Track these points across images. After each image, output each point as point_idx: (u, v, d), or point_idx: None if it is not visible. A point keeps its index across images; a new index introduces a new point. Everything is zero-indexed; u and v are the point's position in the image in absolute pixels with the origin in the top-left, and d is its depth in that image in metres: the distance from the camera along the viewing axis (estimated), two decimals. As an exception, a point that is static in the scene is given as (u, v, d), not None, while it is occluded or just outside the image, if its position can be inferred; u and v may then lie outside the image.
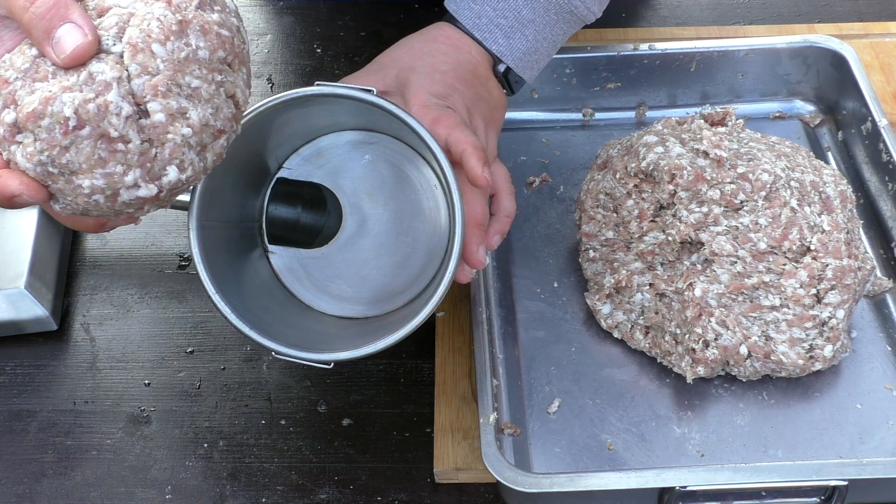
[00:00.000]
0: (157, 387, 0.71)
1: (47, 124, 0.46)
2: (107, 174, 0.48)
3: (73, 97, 0.46)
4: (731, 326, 0.64)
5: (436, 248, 0.67)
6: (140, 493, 0.65)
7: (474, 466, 0.63)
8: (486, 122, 0.66)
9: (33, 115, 0.46)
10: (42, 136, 0.46)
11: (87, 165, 0.47)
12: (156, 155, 0.49)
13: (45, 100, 0.46)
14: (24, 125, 0.47)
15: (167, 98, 0.48)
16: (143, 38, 0.48)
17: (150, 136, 0.48)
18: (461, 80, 0.66)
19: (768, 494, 0.59)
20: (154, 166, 0.49)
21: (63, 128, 0.46)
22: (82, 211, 0.50)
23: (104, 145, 0.47)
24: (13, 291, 0.71)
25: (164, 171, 0.49)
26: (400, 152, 0.68)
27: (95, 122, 0.47)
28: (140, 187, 0.49)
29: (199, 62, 0.49)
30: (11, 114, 0.47)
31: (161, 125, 0.48)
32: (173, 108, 0.48)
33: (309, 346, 0.62)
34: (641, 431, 0.65)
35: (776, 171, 0.68)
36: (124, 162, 0.48)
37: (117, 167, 0.48)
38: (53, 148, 0.47)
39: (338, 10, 1.00)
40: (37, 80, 0.47)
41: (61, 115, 0.46)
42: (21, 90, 0.47)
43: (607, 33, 0.93)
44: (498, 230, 0.64)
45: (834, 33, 0.88)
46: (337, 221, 0.68)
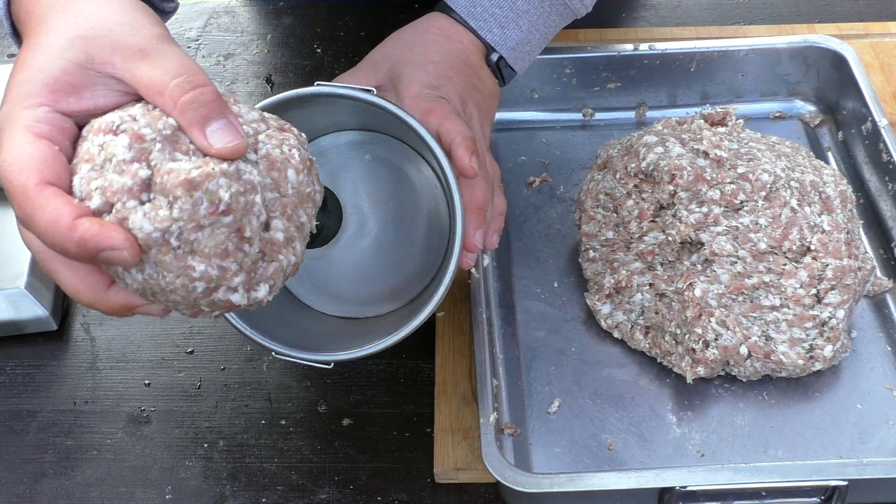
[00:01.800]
0: (157, 387, 0.71)
1: (198, 197, 0.45)
2: (222, 267, 0.47)
3: (230, 184, 0.46)
4: (731, 326, 0.64)
5: (436, 248, 0.67)
6: (140, 493, 0.65)
7: (474, 466, 0.63)
8: (480, 110, 0.66)
9: (188, 183, 0.45)
10: (184, 207, 0.45)
11: (212, 251, 0.46)
12: (260, 269, 0.48)
13: (206, 174, 0.45)
14: (167, 189, 0.45)
15: (290, 221, 0.49)
16: (283, 160, 0.49)
17: (265, 250, 0.48)
18: (454, 69, 0.66)
19: (768, 494, 0.59)
20: (254, 278, 0.48)
21: (212, 207, 0.45)
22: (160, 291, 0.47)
23: (235, 240, 0.47)
24: (13, 291, 0.72)
25: (258, 286, 0.49)
26: (400, 152, 0.68)
27: (240, 215, 0.46)
28: (237, 292, 0.48)
29: (312, 202, 0.51)
30: (146, 170, 0.45)
31: (278, 244, 0.49)
32: (291, 233, 0.49)
33: (309, 346, 0.62)
34: (641, 431, 0.65)
35: (776, 171, 0.68)
36: (240, 263, 0.47)
37: (233, 265, 0.47)
38: (191, 221, 0.45)
39: (338, 10, 1.00)
40: (178, 150, 0.46)
41: (217, 195, 0.45)
42: (158, 153, 0.46)
43: (607, 33, 0.93)
44: (495, 229, 0.65)
45: (834, 33, 0.88)
46: (337, 221, 0.68)
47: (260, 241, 0.48)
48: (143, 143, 0.46)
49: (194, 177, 0.45)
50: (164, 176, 0.45)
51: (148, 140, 0.46)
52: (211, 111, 0.47)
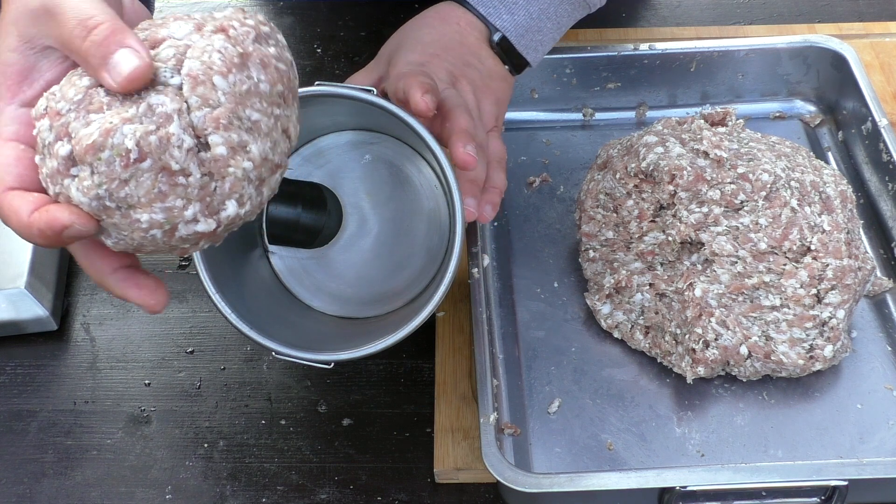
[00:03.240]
0: (157, 387, 0.71)
1: (107, 157, 0.44)
2: (166, 208, 0.46)
3: (135, 129, 0.44)
4: (731, 326, 0.64)
5: (436, 248, 0.67)
6: (140, 493, 0.65)
7: (474, 466, 0.63)
8: (476, 87, 0.65)
9: (92, 147, 0.44)
10: (101, 169, 0.44)
11: (147, 199, 0.45)
12: (215, 189, 0.47)
13: (106, 131, 0.44)
14: (81, 158, 0.45)
15: (228, 131, 0.46)
16: (204, 70, 0.46)
17: (211, 170, 0.46)
18: (444, 47, 0.66)
19: (768, 494, 0.59)
20: (213, 201, 0.47)
21: (124, 160, 0.44)
22: (136, 247, 0.48)
23: (165, 179, 0.45)
24: (13, 291, 0.71)
25: (222, 205, 0.47)
26: (400, 152, 0.68)
27: (157, 154, 0.45)
28: (199, 222, 0.47)
29: (259, 95, 0.48)
30: (66, 146, 0.45)
31: (222, 159, 0.46)
32: (234, 141, 0.47)
33: (309, 346, 0.62)
34: (641, 431, 0.65)
35: (776, 171, 0.68)
36: (184, 196, 0.46)
37: (177, 201, 0.46)
38: (112, 181, 0.44)
39: (338, 10, 1.00)
40: (91, 111, 0.45)
41: (122, 146, 0.44)
42: (75, 122, 0.45)
43: (607, 33, 0.93)
44: (488, 200, 0.63)
45: (834, 33, 0.88)
46: (337, 221, 0.68)
47: (201, 165, 0.46)
48: (61, 117, 0.45)
49: (95, 139, 0.44)
50: (76, 146, 0.45)
51: (64, 113, 0.45)
52: (107, 47, 0.45)
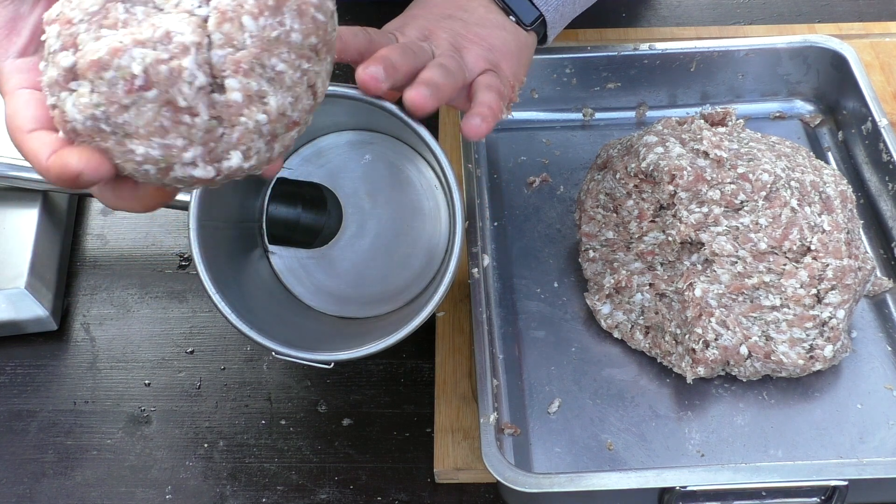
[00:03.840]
0: (157, 387, 0.71)
1: (110, 77, 0.41)
2: (165, 145, 0.43)
3: (145, 54, 0.41)
4: (731, 326, 0.64)
5: (436, 248, 0.67)
6: (140, 493, 0.65)
7: (474, 466, 0.63)
8: (457, 36, 0.63)
9: (97, 63, 0.41)
10: (101, 89, 0.41)
11: (146, 131, 0.42)
12: (222, 136, 0.44)
13: (114, 50, 0.41)
14: (83, 73, 0.42)
15: (248, 77, 0.43)
16: (235, 7, 0.43)
17: (221, 115, 0.43)
18: (424, 7, 0.65)
19: (768, 494, 0.59)
20: (217, 147, 0.44)
21: (128, 85, 0.41)
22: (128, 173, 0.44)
23: (168, 113, 0.42)
24: (13, 291, 0.71)
25: (226, 154, 0.44)
26: (400, 152, 0.68)
27: (165, 86, 0.42)
28: (197, 167, 0.44)
29: (289, 45, 0.44)
30: (70, 57, 0.42)
31: (235, 105, 0.43)
32: (253, 89, 0.43)
33: (309, 346, 0.62)
34: (641, 431, 0.65)
35: (776, 171, 0.68)
36: (187, 136, 0.43)
37: (178, 140, 0.43)
38: (112, 104, 0.42)
39: (338, 10, 1.00)
40: (104, 26, 0.42)
41: (128, 70, 0.41)
42: (85, 34, 0.42)
43: (607, 33, 0.93)
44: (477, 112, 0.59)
45: (834, 33, 0.88)
46: (337, 221, 0.68)
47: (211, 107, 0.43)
48: (71, 26, 0.43)
49: (102, 56, 0.41)
50: (80, 60, 0.42)
51: (76, 23, 0.43)
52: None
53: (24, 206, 0.77)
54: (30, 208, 0.76)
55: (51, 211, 0.78)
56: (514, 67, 0.65)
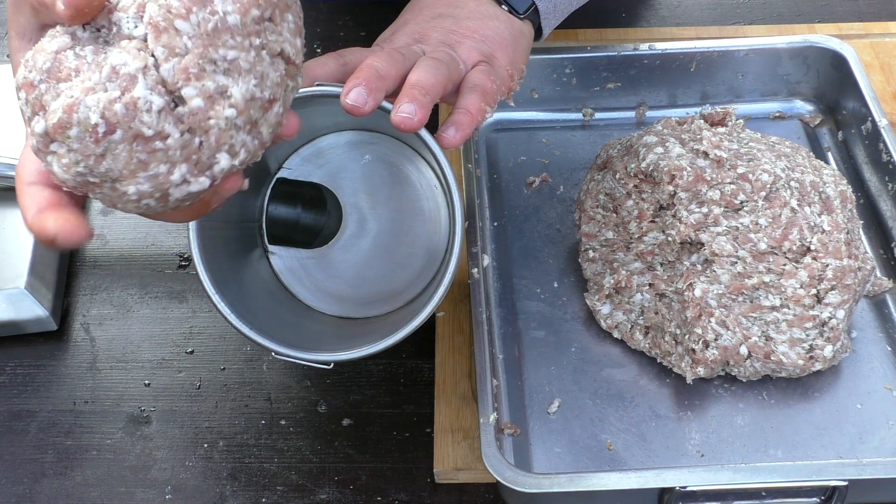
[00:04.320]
0: (157, 387, 0.71)
1: (76, 134, 0.41)
2: (150, 177, 0.43)
3: (98, 99, 0.41)
4: (731, 327, 0.64)
5: (436, 248, 0.67)
6: (140, 493, 0.65)
7: (474, 466, 0.63)
8: (449, 33, 0.63)
9: (60, 125, 0.42)
10: (74, 147, 0.42)
11: (128, 171, 0.42)
12: (201, 145, 0.43)
13: (69, 107, 0.41)
14: (53, 136, 0.42)
15: (201, 80, 0.42)
16: (164, 14, 0.42)
17: (191, 126, 0.42)
18: (414, 11, 0.65)
19: (768, 494, 0.59)
20: (201, 157, 0.43)
21: (93, 136, 0.41)
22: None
23: (141, 146, 0.42)
24: (13, 291, 0.71)
25: (213, 159, 0.43)
26: (400, 152, 0.68)
27: (126, 123, 0.41)
28: (190, 183, 0.43)
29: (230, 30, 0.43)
30: (41, 123, 0.42)
31: (200, 111, 0.42)
32: (210, 89, 0.42)
33: (309, 346, 0.62)
34: (641, 431, 0.65)
35: (776, 171, 0.68)
36: (166, 160, 0.42)
37: (160, 167, 0.42)
38: (88, 158, 0.42)
39: (338, 10, 1.00)
40: (60, 80, 0.42)
41: (88, 122, 0.41)
42: (47, 94, 0.42)
43: (607, 33, 0.93)
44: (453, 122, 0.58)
45: (834, 33, 0.88)
46: (337, 221, 0.68)
47: (178, 123, 0.42)
48: (34, 89, 0.42)
49: (61, 116, 0.41)
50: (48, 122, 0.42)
51: (36, 84, 0.42)
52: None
53: (24, 206, 0.77)
54: (30, 208, 0.76)
55: (51, 211, 0.78)
56: (511, 56, 0.64)
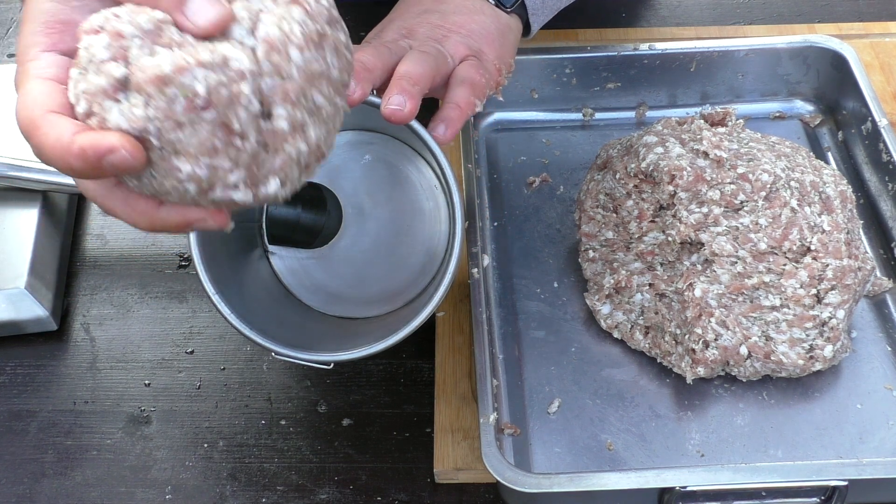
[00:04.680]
0: (157, 387, 0.71)
1: (172, 94, 0.41)
2: (212, 165, 0.43)
3: (208, 75, 0.42)
4: (731, 327, 0.64)
5: (436, 248, 0.67)
6: (140, 493, 0.65)
7: (474, 466, 0.63)
8: (436, 28, 0.63)
9: (160, 79, 0.41)
10: (159, 104, 0.42)
11: (196, 150, 0.43)
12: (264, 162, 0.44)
13: (179, 68, 0.41)
14: (139, 86, 0.42)
15: (295, 107, 0.44)
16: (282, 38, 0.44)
17: (267, 141, 0.44)
18: (402, 9, 0.65)
19: (768, 494, 0.59)
20: (258, 173, 0.44)
21: (189, 103, 0.42)
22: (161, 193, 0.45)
23: (221, 135, 0.43)
24: (13, 291, 0.71)
25: (265, 180, 0.45)
26: (400, 152, 0.68)
27: (223, 108, 0.42)
28: (238, 189, 0.44)
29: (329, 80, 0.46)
30: (121, 69, 0.42)
31: (282, 133, 0.44)
32: (298, 119, 0.44)
33: (309, 346, 0.62)
34: (641, 431, 0.65)
35: (776, 171, 0.68)
36: (234, 158, 0.43)
37: (225, 162, 0.43)
38: (167, 119, 0.42)
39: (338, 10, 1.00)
40: (158, 44, 0.42)
41: (192, 88, 0.41)
42: (137, 49, 0.42)
43: (607, 33, 0.93)
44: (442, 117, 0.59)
45: (834, 33, 0.88)
46: (337, 221, 0.68)
47: (259, 133, 0.44)
48: (122, 39, 0.42)
49: (166, 72, 0.41)
50: (137, 73, 0.42)
51: (127, 36, 0.42)
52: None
53: (24, 206, 0.77)
54: (30, 208, 0.76)
55: (51, 211, 0.78)
56: (498, 50, 0.64)
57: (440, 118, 0.58)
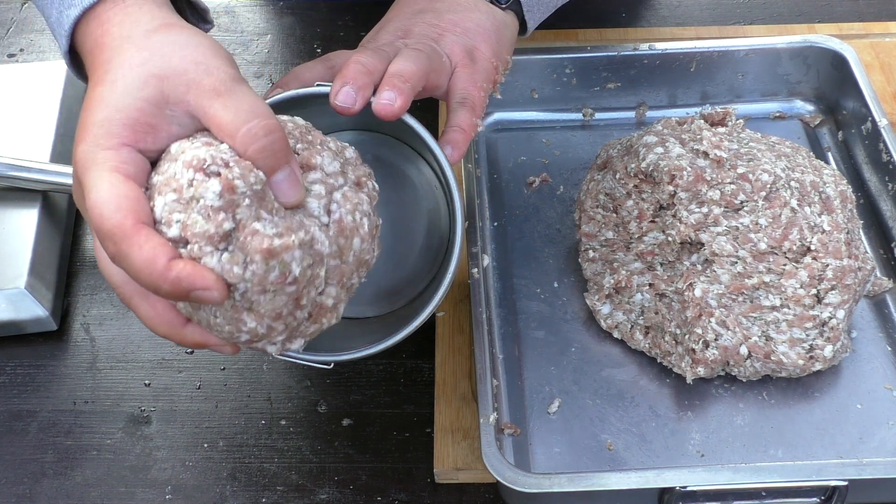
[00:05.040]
0: (157, 387, 0.71)
1: (272, 265, 0.46)
2: (270, 327, 0.48)
3: (304, 257, 0.47)
4: (731, 327, 0.64)
5: (436, 248, 0.67)
6: (140, 493, 0.65)
7: (474, 466, 0.63)
8: (432, 27, 0.63)
9: (269, 252, 0.46)
10: (258, 271, 0.46)
11: (265, 312, 0.47)
12: (300, 327, 0.50)
13: (285, 247, 0.46)
14: (247, 250, 0.46)
15: (341, 290, 0.50)
16: (353, 228, 0.49)
17: (312, 313, 0.49)
18: (398, 10, 0.65)
19: (768, 494, 0.59)
20: (294, 335, 0.50)
21: (280, 279, 0.46)
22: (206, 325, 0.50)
23: (291, 306, 0.48)
24: (13, 291, 0.71)
25: (295, 341, 0.51)
26: (400, 152, 0.68)
27: (304, 287, 0.47)
28: (275, 346, 0.50)
29: (367, 266, 0.52)
30: (230, 223, 0.46)
31: (326, 309, 0.50)
32: (341, 298, 0.50)
33: (309, 346, 0.62)
34: (641, 431, 0.65)
35: (776, 171, 0.68)
36: (287, 325, 0.49)
37: (280, 325, 0.48)
38: (258, 285, 0.46)
39: (338, 10, 1.00)
40: (263, 208, 0.47)
41: (289, 269, 0.46)
42: (245, 209, 0.46)
43: (607, 33, 0.93)
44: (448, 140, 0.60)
45: (834, 33, 0.88)
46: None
47: (311, 305, 0.49)
48: (234, 194, 0.46)
49: (276, 247, 0.46)
50: (247, 236, 0.46)
51: (238, 193, 0.46)
52: (278, 161, 0.48)
53: (24, 206, 0.77)
54: (30, 208, 0.76)
55: (51, 211, 0.78)
56: (494, 47, 0.65)
57: (446, 141, 0.60)
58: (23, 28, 1.02)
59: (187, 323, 0.51)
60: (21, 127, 0.83)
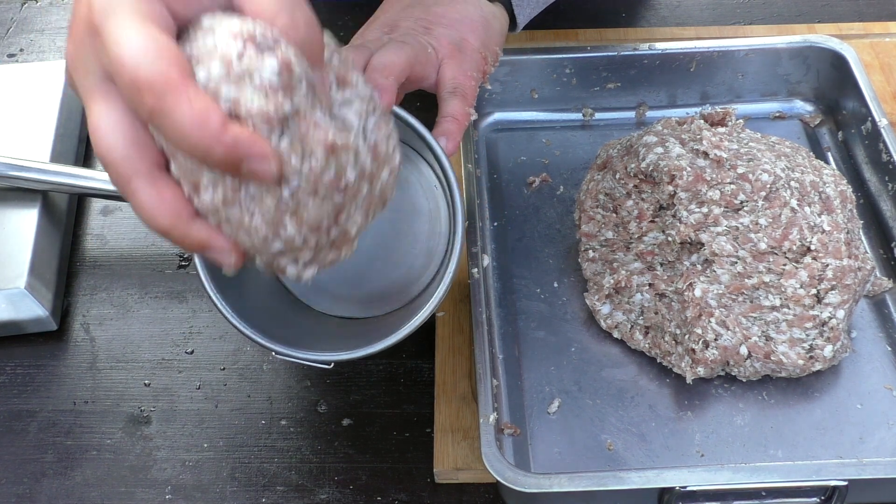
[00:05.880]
0: (156, 387, 0.71)
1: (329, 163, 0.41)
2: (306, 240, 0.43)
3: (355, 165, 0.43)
4: (731, 327, 0.64)
5: (436, 248, 0.67)
6: (140, 493, 0.65)
7: (474, 466, 0.63)
8: (417, 22, 0.63)
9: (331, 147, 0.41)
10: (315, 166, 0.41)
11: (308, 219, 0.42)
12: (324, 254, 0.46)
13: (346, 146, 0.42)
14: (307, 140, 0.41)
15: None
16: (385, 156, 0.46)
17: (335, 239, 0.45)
18: (386, 7, 0.65)
19: (768, 494, 0.59)
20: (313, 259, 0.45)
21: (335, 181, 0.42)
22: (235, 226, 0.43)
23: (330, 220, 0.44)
24: (13, 291, 0.71)
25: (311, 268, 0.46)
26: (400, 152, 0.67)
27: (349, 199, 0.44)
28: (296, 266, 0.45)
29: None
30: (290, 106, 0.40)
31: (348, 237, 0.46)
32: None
33: (309, 346, 0.62)
34: (641, 431, 0.65)
35: (776, 171, 0.68)
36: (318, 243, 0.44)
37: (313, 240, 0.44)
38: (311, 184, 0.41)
39: (338, 10, 1.00)
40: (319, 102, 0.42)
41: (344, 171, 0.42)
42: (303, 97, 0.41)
43: (607, 33, 0.93)
44: (442, 132, 0.60)
45: (834, 33, 0.88)
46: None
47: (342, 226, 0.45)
48: (292, 75, 0.40)
49: (338, 143, 0.41)
50: (309, 126, 0.40)
51: (296, 75, 0.40)
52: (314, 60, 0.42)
53: (24, 206, 0.77)
54: (30, 208, 0.76)
55: (51, 211, 0.78)
56: (482, 38, 0.65)
57: (440, 132, 0.59)
58: (23, 28, 1.02)
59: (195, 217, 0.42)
60: (21, 127, 0.83)
